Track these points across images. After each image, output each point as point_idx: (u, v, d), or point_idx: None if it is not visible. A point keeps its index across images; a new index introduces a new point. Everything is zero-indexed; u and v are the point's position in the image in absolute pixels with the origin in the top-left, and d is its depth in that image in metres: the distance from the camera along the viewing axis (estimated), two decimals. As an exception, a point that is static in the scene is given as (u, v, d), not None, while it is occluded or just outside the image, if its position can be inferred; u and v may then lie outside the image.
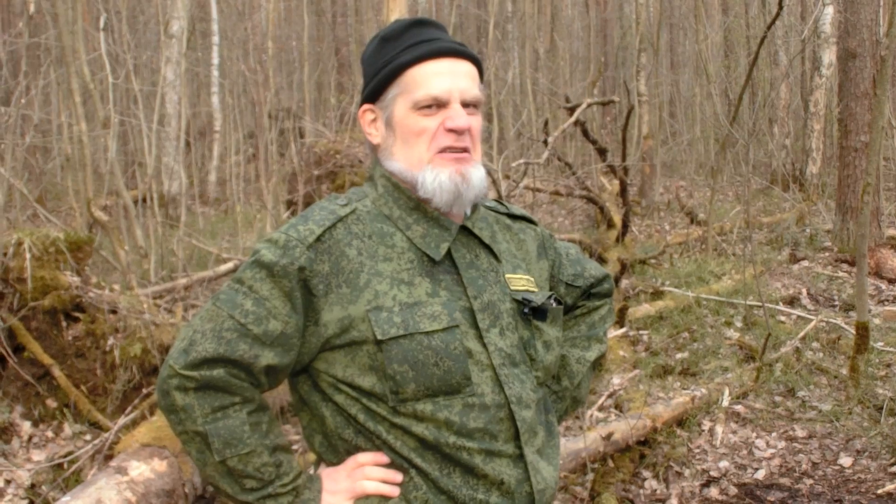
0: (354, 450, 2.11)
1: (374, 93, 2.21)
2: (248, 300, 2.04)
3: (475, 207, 2.25)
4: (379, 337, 2.02)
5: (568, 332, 2.52)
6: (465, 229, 2.20)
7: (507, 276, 2.22)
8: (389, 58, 2.18)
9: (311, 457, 5.03)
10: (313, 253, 2.05)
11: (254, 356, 2.03)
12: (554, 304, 2.26)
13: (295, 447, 5.88)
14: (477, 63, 2.23)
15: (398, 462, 2.07)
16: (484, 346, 2.09)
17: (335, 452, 2.15)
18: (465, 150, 2.14)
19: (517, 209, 2.46)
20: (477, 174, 2.15)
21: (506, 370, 2.10)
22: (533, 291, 2.25)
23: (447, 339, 2.04)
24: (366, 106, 2.25)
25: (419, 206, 2.16)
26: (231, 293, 2.06)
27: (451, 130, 2.12)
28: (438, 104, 2.13)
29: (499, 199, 2.48)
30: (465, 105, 2.15)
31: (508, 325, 2.15)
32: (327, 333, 2.05)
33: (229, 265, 9.91)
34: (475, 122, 2.17)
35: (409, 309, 2.05)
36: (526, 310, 2.19)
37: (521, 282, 2.25)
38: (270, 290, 2.03)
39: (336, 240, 2.09)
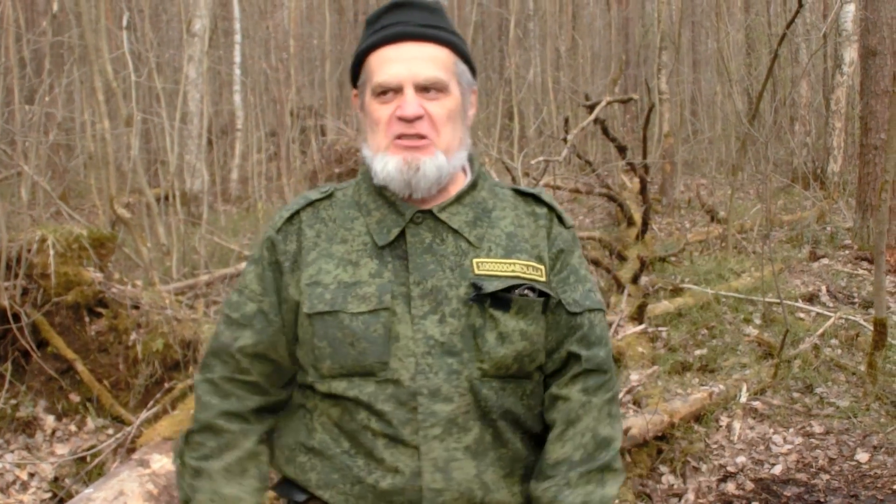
0: (292, 436, 2.22)
1: (354, 78, 2.25)
2: (235, 293, 2.23)
3: (471, 189, 2.21)
4: (305, 310, 2.11)
5: (551, 455, 2.15)
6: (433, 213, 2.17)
7: (480, 260, 2.13)
8: (360, 43, 2.21)
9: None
10: (282, 235, 2.20)
11: (233, 339, 2.18)
12: (529, 295, 2.13)
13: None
14: (448, 44, 2.17)
15: (305, 439, 2.17)
16: (414, 332, 2.08)
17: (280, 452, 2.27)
18: (419, 136, 2.10)
19: (526, 189, 2.33)
20: (432, 163, 2.10)
21: (430, 359, 2.06)
22: (520, 277, 2.13)
23: (369, 321, 2.07)
24: (354, 90, 2.29)
25: (381, 191, 2.18)
26: (231, 294, 2.27)
27: (400, 118, 2.10)
28: (394, 91, 2.11)
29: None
30: (426, 90, 2.10)
31: (455, 312, 2.08)
32: (292, 306, 2.17)
33: (250, 262, 9.97)
34: (436, 106, 2.11)
35: (345, 288, 2.10)
36: (472, 296, 2.09)
37: (514, 267, 2.15)
38: (251, 278, 2.21)
39: (301, 221, 2.21)
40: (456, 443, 2.05)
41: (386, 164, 2.11)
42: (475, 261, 2.12)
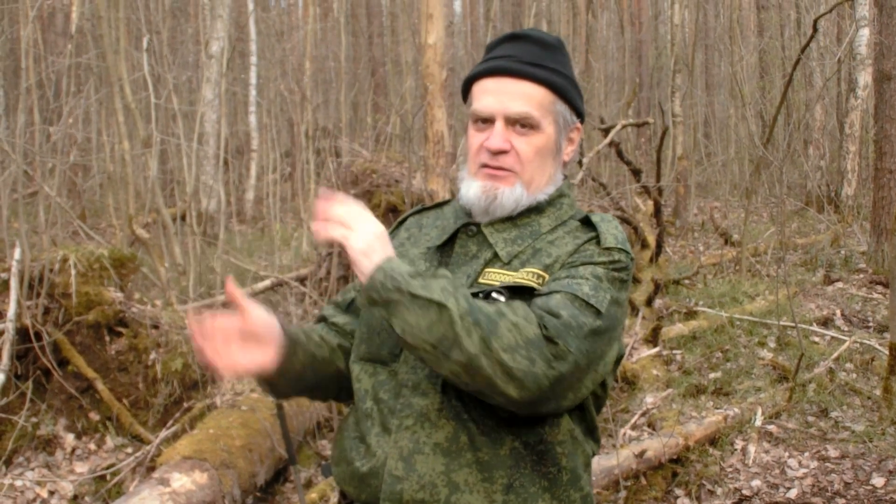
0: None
1: (467, 102, 2.33)
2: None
3: (530, 212, 2.23)
4: (360, 298, 2.30)
5: None
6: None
7: (491, 270, 2.15)
8: (472, 69, 2.29)
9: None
10: (392, 235, 2.37)
11: (330, 315, 2.45)
12: (498, 298, 2.07)
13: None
14: (548, 84, 2.20)
15: (348, 419, 2.32)
16: None
17: None
18: (501, 168, 2.17)
19: (593, 218, 2.24)
20: (511, 194, 2.18)
21: None
22: (518, 284, 2.09)
23: None
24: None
25: (464, 209, 2.28)
26: None
27: (487, 149, 2.17)
28: (488, 121, 2.19)
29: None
30: (517, 124, 2.17)
31: None
32: None
33: (266, 282, 10.03)
34: (524, 143, 2.18)
35: None
36: None
37: (517, 277, 2.11)
38: None
39: (403, 224, 2.46)
40: (427, 437, 2.09)
41: (469, 189, 2.22)
42: (487, 270, 2.17)
